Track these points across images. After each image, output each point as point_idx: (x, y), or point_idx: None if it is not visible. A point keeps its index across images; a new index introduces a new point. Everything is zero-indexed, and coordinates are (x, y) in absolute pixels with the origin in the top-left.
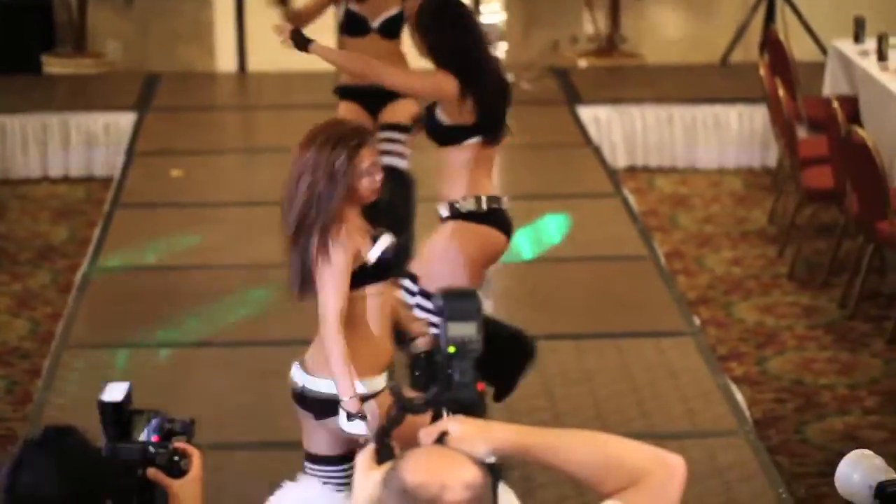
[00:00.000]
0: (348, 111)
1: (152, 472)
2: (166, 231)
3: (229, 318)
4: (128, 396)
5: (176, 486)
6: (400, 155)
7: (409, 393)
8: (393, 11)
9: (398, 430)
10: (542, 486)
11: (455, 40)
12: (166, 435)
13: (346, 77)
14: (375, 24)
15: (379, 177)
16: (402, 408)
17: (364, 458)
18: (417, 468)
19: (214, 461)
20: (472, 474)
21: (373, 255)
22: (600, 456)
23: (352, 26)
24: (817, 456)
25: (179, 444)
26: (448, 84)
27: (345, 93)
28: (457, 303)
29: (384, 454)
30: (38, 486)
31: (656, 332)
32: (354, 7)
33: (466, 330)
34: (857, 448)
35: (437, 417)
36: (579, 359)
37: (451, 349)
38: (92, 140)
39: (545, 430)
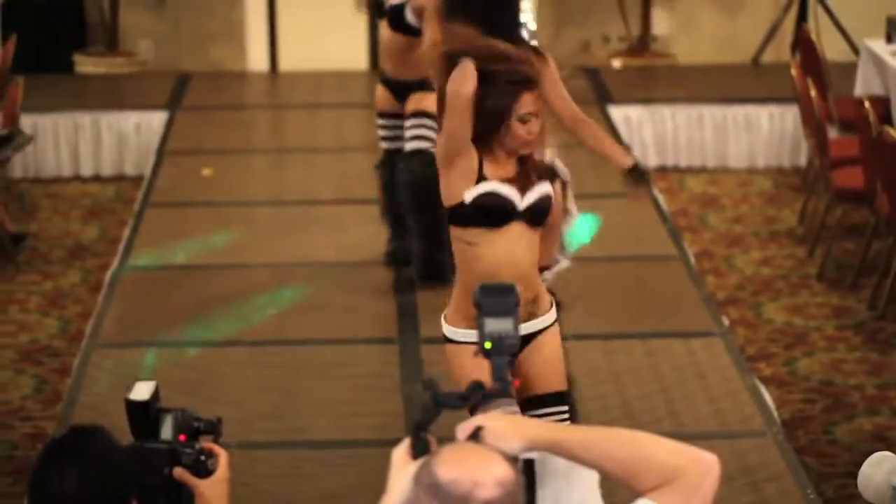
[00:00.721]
0: (385, 99)
1: (179, 472)
2: (196, 230)
3: (258, 318)
4: (155, 395)
5: (202, 485)
6: (419, 138)
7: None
8: None
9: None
10: None
11: None
12: (193, 434)
13: (389, 70)
14: None
15: (532, 132)
16: (438, 402)
17: (400, 452)
18: (450, 464)
19: (241, 461)
20: (505, 472)
21: (469, 195)
22: (634, 453)
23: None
24: (846, 457)
25: (206, 443)
26: None
27: (384, 80)
28: (494, 298)
29: (420, 448)
30: (63, 485)
31: (685, 332)
32: None
33: (503, 325)
34: (885, 449)
35: (473, 412)
36: (608, 359)
37: (488, 344)
38: (123, 139)
39: (578, 427)
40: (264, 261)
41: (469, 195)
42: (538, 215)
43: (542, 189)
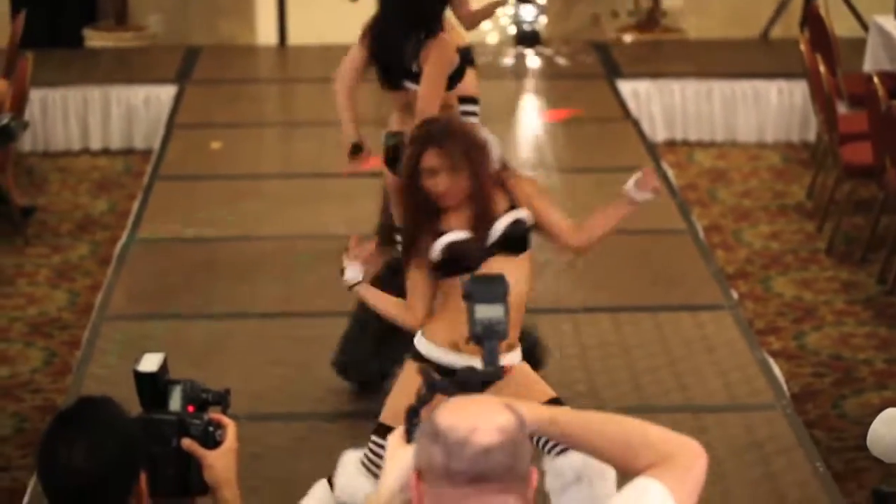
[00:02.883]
0: None
1: (187, 443)
2: (205, 203)
3: (267, 290)
4: (163, 367)
5: (211, 456)
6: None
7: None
8: None
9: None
10: None
11: None
12: (201, 405)
13: None
14: None
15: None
16: (432, 387)
17: (395, 436)
18: (451, 411)
19: (249, 432)
20: (506, 419)
21: (434, 254)
22: (630, 431)
23: None
24: (855, 430)
25: (214, 414)
26: None
27: None
28: (484, 286)
29: (414, 433)
30: (72, 456)
31: (694, 305)
32: None
33: (493, 312)
34: None
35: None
36: (617, 332)
37: (478, 329)
38: (132, 113)
39: (573, 409)
40: (273, 233)
41: (434, 254)
42: (515, 242)
43: (510, 216)
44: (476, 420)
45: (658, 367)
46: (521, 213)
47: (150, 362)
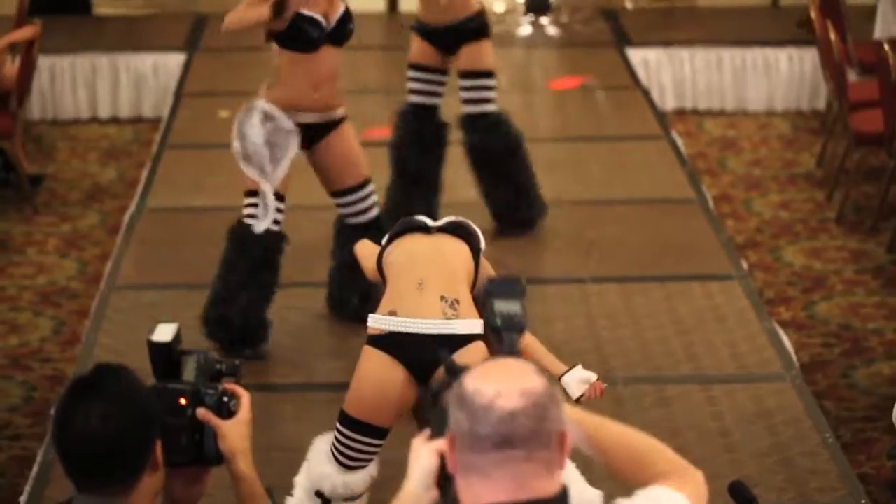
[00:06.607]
0: (421, 51)
1: (202, 412)
2: (214, 172)
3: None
4: (177, 337)
5: (225, 426)
6: (484, 101)
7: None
8: None
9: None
10: None
11: None
12: (215, 376)
13: (421, 13)
14: None
15: None
16: (452, 372)
17: (419, 438)
18: (478, 376)
19: (262, 402)
20: (533, 383)
21: None
22: (648, 443)
23: None
24: (864, 401)
25: (229, 385)
26: None
27: (418, 29)
28: (502, 285)
29: (438, 423)
30: (88, 423)
31: (704, 275)
32: None
33: (512, 307)
34: None
35: None
36: (626, 301)
37: (499, 321)
38: (141, 81)
39: (591, 414)
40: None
41: None
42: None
43: None
44: (502, 384)
45: (667, 337)
46: None
47: (164, 332)
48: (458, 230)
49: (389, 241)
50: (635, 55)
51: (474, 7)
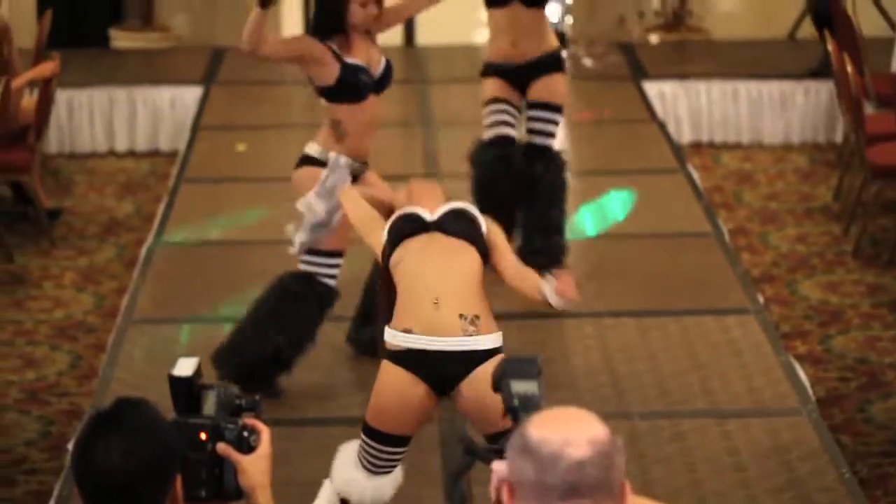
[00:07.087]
0: (494, 86)
1: (222, 447)
2: (231, 206)
3: None
4: (198, 371)
5: (245, 461)
6: (550, 135)
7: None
8: None
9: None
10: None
11: None
12: (235, 411)
13: (493, 54)
14: None
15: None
16: (471, 454)
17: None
18: (542, 424)
19: (279, 437)
20: (598, 432)
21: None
22: None
23: None
24: (881, 435)
25: (249, 420)
26: None
27: (492, 70)
28: (518, 364)
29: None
30: (109, 457)
31: (720, 309)
32: None
33: (528, 387)
34: None
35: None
36: (642, 336)
37: (515, 402)
38: (158, 114)
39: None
40: None
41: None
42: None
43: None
44: (568, 433)
45: (683, 371)
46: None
47: (185, 367)
48: (460, 230)
49: (392, 243)
50: (652, 88)
51: (553, 44)
